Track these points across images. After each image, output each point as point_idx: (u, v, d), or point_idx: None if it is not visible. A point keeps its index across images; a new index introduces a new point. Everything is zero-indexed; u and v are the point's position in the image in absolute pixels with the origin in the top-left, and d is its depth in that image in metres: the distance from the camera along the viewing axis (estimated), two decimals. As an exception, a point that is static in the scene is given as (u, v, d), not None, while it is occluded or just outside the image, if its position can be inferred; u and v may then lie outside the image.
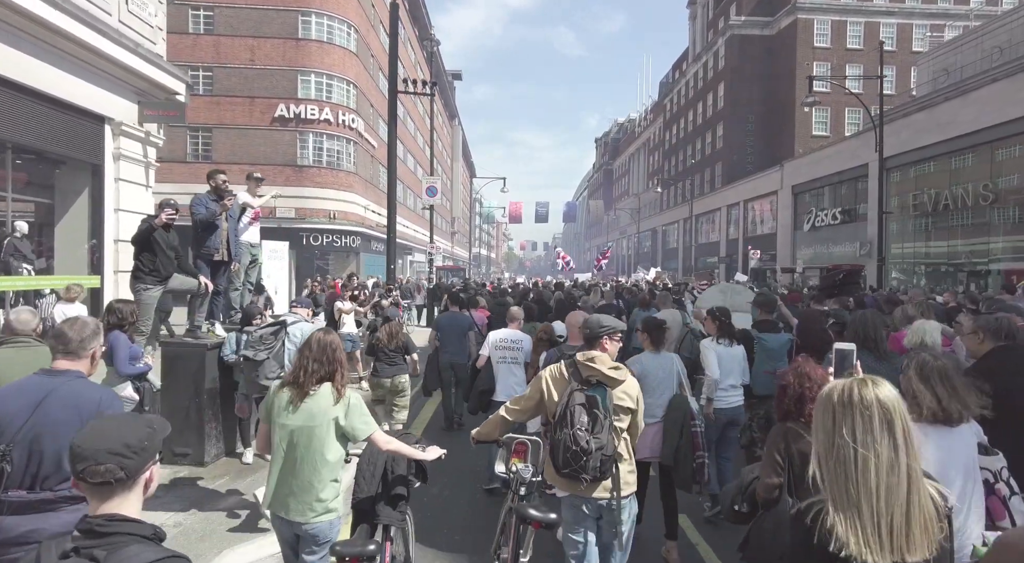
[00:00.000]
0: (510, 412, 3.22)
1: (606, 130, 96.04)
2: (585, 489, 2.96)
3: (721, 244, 43.79)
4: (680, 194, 53.50)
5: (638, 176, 71.49)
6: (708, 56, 48.77)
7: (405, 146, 40.09)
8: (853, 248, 26.72)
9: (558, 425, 2.93)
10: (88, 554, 1.28)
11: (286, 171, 26.38)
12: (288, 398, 2.82)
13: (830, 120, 38.07)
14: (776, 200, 35.27)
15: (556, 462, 2.91)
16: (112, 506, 1.40)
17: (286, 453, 2.80)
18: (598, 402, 2.93)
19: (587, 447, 2.84)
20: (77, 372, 2.52)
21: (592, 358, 3.03)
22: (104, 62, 9.72)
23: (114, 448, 1.39)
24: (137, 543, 1.33)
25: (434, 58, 18.86)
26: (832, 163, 28.41)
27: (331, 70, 26.76)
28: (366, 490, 3.12)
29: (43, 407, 2.35)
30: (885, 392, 1.45)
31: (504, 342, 5.61)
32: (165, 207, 5.17)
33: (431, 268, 22.08)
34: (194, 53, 25.73)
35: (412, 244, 41.00)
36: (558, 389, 3.04)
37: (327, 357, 2.85)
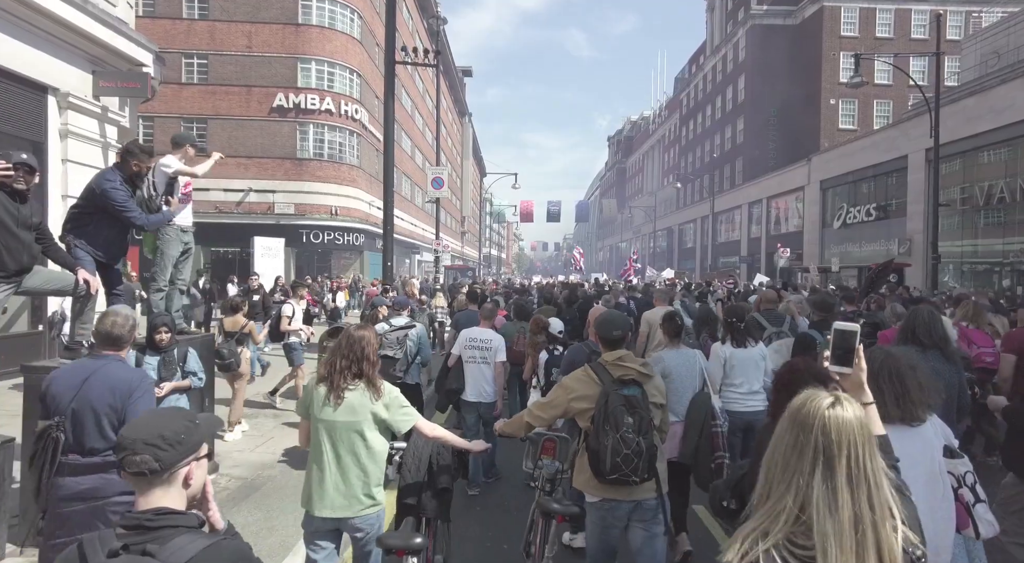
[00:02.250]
0: (534, 418, 3.16)
1: (619, 128, 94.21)
2: (630, 492, 2.90)
3: (742, 243, 41.90)
4: (697, 191, 51.67)
5: (653, 174, 69.68)
6: (727, 48, 46.93)
7: (413, 141, 38.63)
8: (889, 246, 24.88)
9: (601, 429, 2.81)
10: (140, 549, 1.29)
11: (285, 164, 24.95)
12: (325, 394, 2.80)
13: (858, 112, 36.12)
14: (802, 196, 33.40)
15: (601, 468, 2.79)
16: (155, 499, 1.42)
17: (328, 449, 2.78)
18: (639, 401, 2.87)
19: (639, 448, 2.78)
20: (116, 356, 2.88)
21: (621, 357, 3.00)
22: (44, 20, 8.25)
23: (150, 439, 1.42)
24: (185, 533, 1.36)
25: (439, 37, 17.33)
26: (865, 156, 26.55)
27: (333, 57, 25.30)
28: (411, 482, 3.08)
29: (86, 385, 2.72)
30: (840, 415, 1.24)
31: (474, 341, 5.49)
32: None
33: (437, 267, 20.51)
34: (188, 39, 24.38)
35: (420, 243, 39.50)
36: (588, 393, 2.96)
37: (356, 354, 2.82)
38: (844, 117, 36.10)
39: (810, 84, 36.99)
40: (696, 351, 4.55)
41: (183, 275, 5.05)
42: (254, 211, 24.74)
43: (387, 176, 11.23)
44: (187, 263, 5.07)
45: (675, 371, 4.19)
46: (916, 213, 22.91)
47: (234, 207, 24.71)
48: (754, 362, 4.65)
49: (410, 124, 38.05)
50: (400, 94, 35.18)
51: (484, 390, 5.43)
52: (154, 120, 24.33)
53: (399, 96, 34.84)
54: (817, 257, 30.79)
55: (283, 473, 5.58)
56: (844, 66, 35.39)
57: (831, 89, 35.84)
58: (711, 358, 4.72)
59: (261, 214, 24.73)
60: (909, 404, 2.20)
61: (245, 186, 24.58)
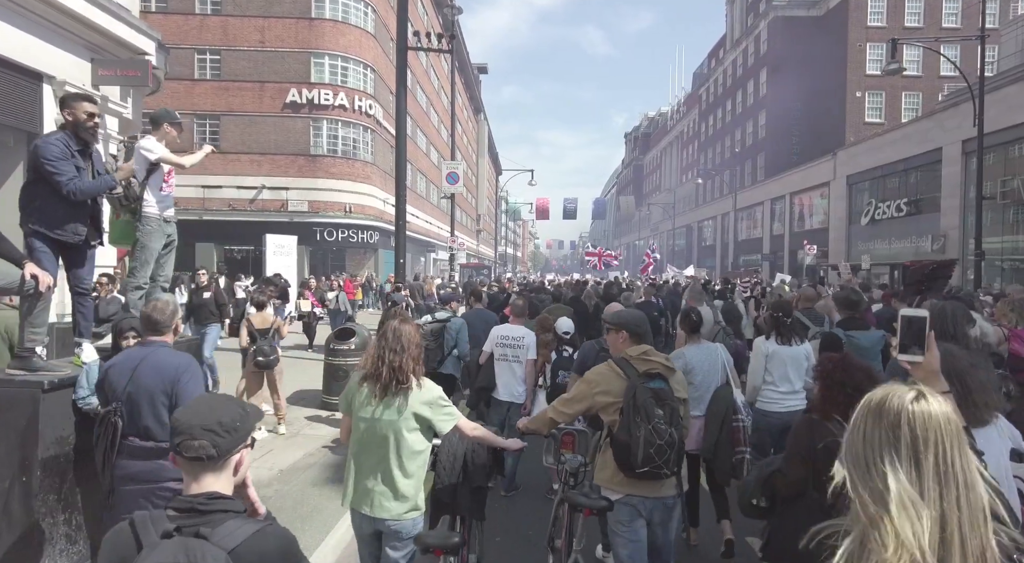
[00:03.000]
0: (559, 414, 3.11)
1: (636, 125, 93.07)
2: (655, 488, 2.86)
3: (764, 240, 40.87)
4: (717, 188, 50.63)
5: (671, 171, 68.63)
6: (748, 41, 45.86)
7: (428, 138, 38.19)
8: (921, 243, 23.91)
9: (632, 422, 2.76)
10: (193, 532, 1.31)
11: (299, 161, 24.59)
12: (369, 391, 2.73)
13: (885, 105, 34.93)
14: (827, 192, 32.38)
15: (632, 461, 2.73)
16: (207, 484, 1.45)
17: (369, 447, 2.73)
18: (667, 393, 2.85)
19: (671, 440, 2.75)
20: (163, 343, 2.97)
21: (646, 352, 2.99)
22: (39, 4, 7.81)
23: (208, 425, 1.45)
24: (233, 519, 1.39)
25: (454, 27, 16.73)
26: (896, 149, 25.54)
27: (347, 52, 24.88)
28: (446, 480, 3.03)
29: (137, 372, 2.83)
30: (926, 409, 1.17)
31: (506, 339, 5.32)
32: None
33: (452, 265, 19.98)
34: (201, 35, 24.09)
35: (435, 241, 39.05)
36: (614, 387, 2.91)
37: (401, 346, 2.73)
38: (871, 110, 34.94)
39: (835, 76, 35.87)
40: (718, 345, 4.48)
41: (165, 271, 4.53)
42: (267, 208, 24.42)
43: (399, 170, 10.70)
44: (170, 257, 4.56)
45: (697, 366, 4.14)
46: (951, 208, 21.91)
47: (247, 205, 24.41)
48: (798, 361, 4.46)
49: (425, 121, 37.59)
50: (415, 90, 34.73)
51: (515, 390, 5.26)
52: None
53: (413, 92, 34.39)
54: (843, 254, 29.77)
55: (279, 494, 5.05)
56: (871, 57, 34.31)
57: (857, 81, 34.72)
58: (753, 353, 4.56)
59: (274, 211, 24.40)
60: (972, 406, 2.09)
61: (258, 183, 24.27)
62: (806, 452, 2.39)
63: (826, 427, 2.37)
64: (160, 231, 4.36)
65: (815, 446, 2.34)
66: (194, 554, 1.27)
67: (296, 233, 22.12)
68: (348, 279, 19.32)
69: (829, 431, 2.33)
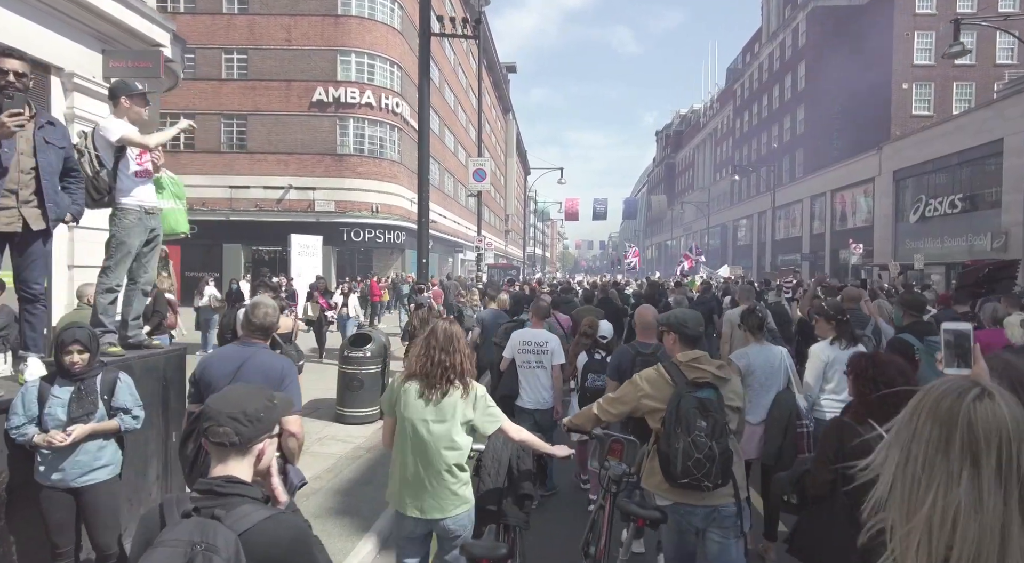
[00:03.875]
0: (603, 412, 3.06)
1: (667, 122, 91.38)
2: (703, 497, 2.76)
3: (803, 239, 39.35)
4: (753, 186, 49.08)
5: (704, 169, 67.03)
6: (786, 34, 44.31)
7: (456, 137, 37.74)
8: (977, 241, 22.44)
9: (672, 432, 2.71)
10: (209, 513, 1.39)
11: (325, 160, 24.30)
12: (416, 391, 2.72)
13: (934, 97, 33.17)
14: (872, 188, 30.88)
15: (672, 472, 2.70)
16: (228, 468, 1.53)
17: (415, 447, 2.69)
18: (713, 404, 2.75)
19: (711, 453, 2.66)
20: (262, 345, 3.03)
21: (697, 358, 2.90)
22: (46, -10, 7.42)
23: (234, 413, 1.53)
24: (248, 503, 1.45)
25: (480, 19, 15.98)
26: (948, 142, 24.07)
27: (373, 49, 24.50)
28: (491, 486, 3.01)
29: (241, 371, 2.82)
30: (990, 408, 1.07)
31: (528, 344, 5.10)
32: None
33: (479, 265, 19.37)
34: (228, 35, 23.99)
35: (463, 241, 38.55)
36: (659, 394, 2.86)
37: (453, 347, 2.74)
38: (918, 102, 33.22)
39: (879, 68, 34.23)
40: (781, 348, 4.35)
41: (148, 271, 3.92)
42: (294, 209, 24.19)
43: (421, 161, 10.10)
44: (153, 255, 3.95)
45: (758, 368, 4.00)
46: (1014, 203, 20.45)
47: (274, 205, 24.21)
48: None
49: (453, 119, 37.13)
50: (443, 89, 34.30)
51: (541, 396, 5.05)
52: (195, 117, 23.96)
53: (441, 90, 33.95)
54: (890, 254, 28.29)
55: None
56: (919, 46, 32.64)
57: (904, 72, 33.04)
58: (812, 360, 4.28)
59: (301, 212, 24.15)
60: None
61: (285, 183, 24.06)
62: (833, 455, 2.35)
63: (856, 431, 2.33)
64: (140, 225, 3.77)
65: (843, 449, 2.32)
66: (207, 534, 1.33)
67: (323, 233, 21.83)
68: (374, 280, 18.84)
69: (858, 433, 2.29)
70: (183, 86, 24.38)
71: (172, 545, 1.31)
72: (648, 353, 4.06)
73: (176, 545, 1.31)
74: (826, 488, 2.40)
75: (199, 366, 3.00)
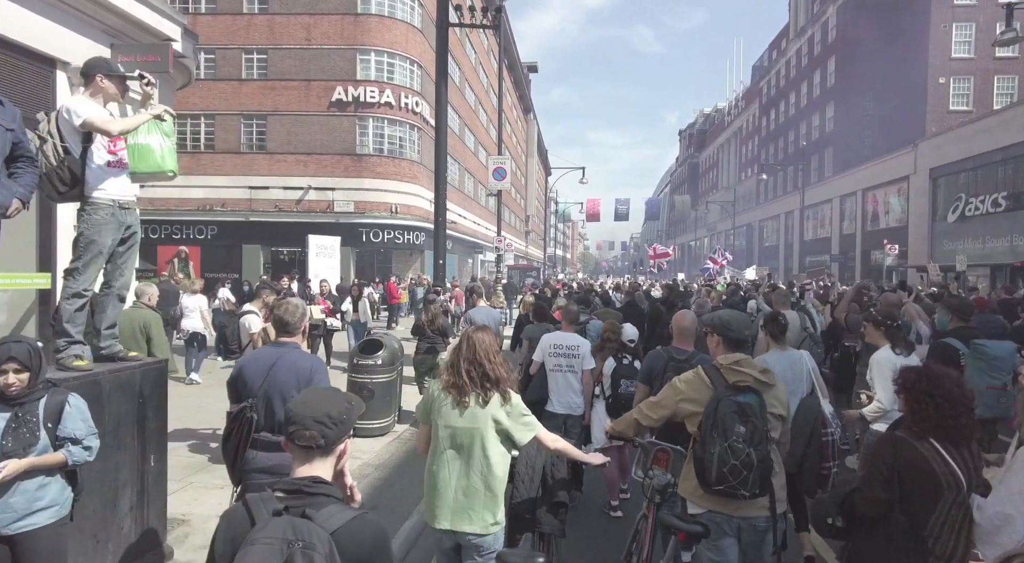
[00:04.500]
0: (643, 417, 3.01)
1: (690, 121, 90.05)
2: (738, 507, 2.66)
3: (833, 240, 38.21)
4: (780, 186, 47.93)
5: (728, 168, 65.79)
6: (814, 29, 43.16)
7: (476, 137, 37.39)
8: (1020, 241, 21.35)
9: (708, 437, 2.60)
10: (299, 512, 1.42)
11: (344, 160, 24.07)
12: (451, 398, 2.67)
13: (973, 91, 31.87)
14: (906, 187, 29.76)
15: (707, 477, 2.60)
16: (313, 469, 1.57)
17: (449, 456, 2.65)
18: (754, 410, 2.61)
19: (748, 460, 2.52)
20: (294, 344, 3.15)
21: (739, 361, 2.78)
22: (49, -19, 7.13)
23: (319, 417, 1.57)
24: (334, 503, 1.49)
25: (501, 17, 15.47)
26: (991, 138, 22.99)
27: (393, 47, 24.22)
28: (525, 495, 2.97)
29: (273, 371, 2.98)
30: None
31: (559, 348, 5.00)
32: None
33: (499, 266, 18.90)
34: (248, 35, 23.89)
35: (483, 242, 38.14)
36: (698, 397, 2.77)
37: (478, 356, 2.68)
38: (956, 97, 31.94)
39: (914, 62, 33.02)
40: (803, 352, 4.31)
41: (124, 275, 3.49)
42: (313, 209, 24.00)
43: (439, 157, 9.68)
44: (130, 256, 3.53)
45: (779, 375, 3.69)
46: (1064, 201, 19.39)
47: (294, 206, 24.05)
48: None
49: (473, 119, 36.77)
50: (463, 88, 33.96)
51: (572, 402, 4.93)
52: (215, 117, 24.02)
53: (462, 90, 33.61)
54: (925, 254, 27.19)
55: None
56: (958, 39, 31.39)
57: (941, 66, 31.80)
58: (881, 371, 4.05)
59: (320, 212, 23.94)
60: None
61: (304, 183, 23.88)
62: (888, 473, 2.23)
63: (913, 448, 2.21)
64: (113, 221, 3.35)
65: (898, 467, 2.21)
66: (301, 532, 1.36)
67: (342, 234, 21.57)
68: (392, 282, 18.51)
69: (916, 452, 2.19)
70: (203, 87, 24.42)
71: (268, 543, 1.33)
72: (682, 359, 3.92)
73: (272, 543, 1.33)
74: (881, 508, 2.24)
75: (235, 368, 3.15)
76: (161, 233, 23.90)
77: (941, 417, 2.18)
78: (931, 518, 2.15)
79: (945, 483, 2.12)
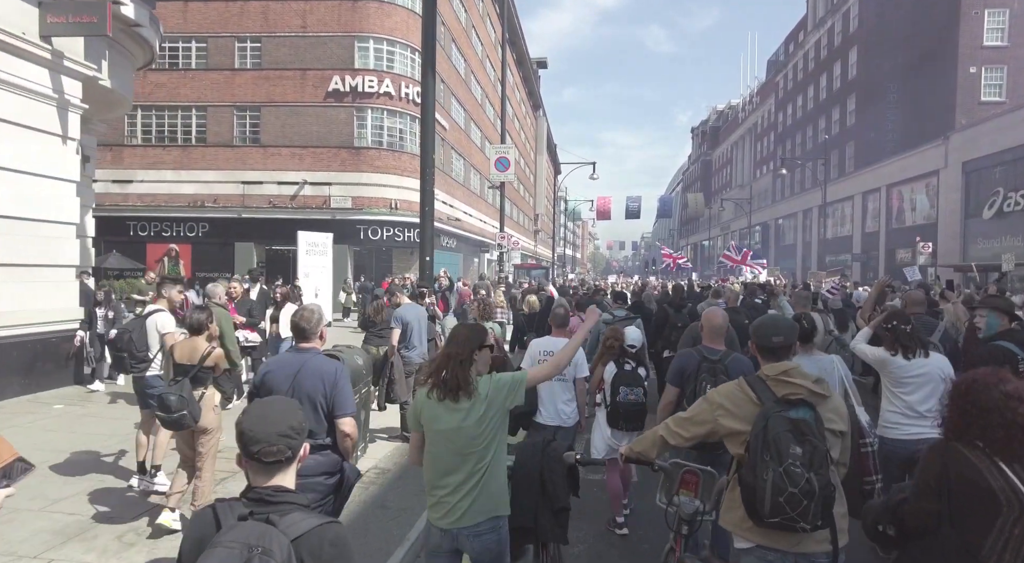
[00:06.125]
0: (673, 436, 2.61)
1: (703, 119, 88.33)
2: (797, 542, 2.30)
3: (854, 238, 36.62)
4: (798, 183, 46.32)
5: (743, 166, 64.16)
6: (834, 19, 41.55)
7: (483, 132, 36.12)
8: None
9: (758, 460, 2.23)
10: (263, 518, 1.46)
11: (341, 153, 22.89)
12: (436, 398, 2.60)
13: (1007, 81, 30.16)
14: (935, 182, 28.17)
15: (760, 509, 2.21)
16: (276, 479, 1.59)
17: (445, 458, 2.59)
18: (810, 426, 2.25)
19: (809, 487, 2.13)
20: (315, 350, 3.23)
21: (786, 371, 2.44)
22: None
23: (283, 430, 1.58)
24: (298, 511, 1.53)
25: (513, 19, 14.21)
26: (1032, 127, 21.42)
27: (392, 34, 23.01)
28: (524, 503, 2.87)
29: (298, 376, 3.05)
30: None
31: (548, 355, 4.57)
32: None
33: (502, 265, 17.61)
34: (241, 22, 22.80)
35: (489, 240, 36.88)
36: (742, 413, 2.40)
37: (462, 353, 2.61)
38: (988, 87, 30.24)
39: (942, 51, 31.35)
40: (834, 356, 4.18)
41: None
42: (309, 205, 22.84)
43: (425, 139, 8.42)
44: None
45: None
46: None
47: (288, 201, 22.91)
48: (932, 379, 3.80)
49: (479, 113, 35.50)
50: (469, 81, 32.72)
51: (562, 412, 4.60)
52: (206, 109, 22.94)
53: (468, 82, 32.37)
54: (958, 253, 25.65)
55: None
56: (990, 26, 29.71)
57: (971, 54, 30.11)
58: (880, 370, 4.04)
59: (316, 208, 22.78)
60: None
61: (300, 178, 22.74)
62: (937, 484, 2.05)
63: (966, 458, 2.02)
64: None
65: (947, 477, 2.03)
66: (264, 537, 1.39)
67: (339, 231, 20.41)
68: (385, 282, 17.30)
69: (969, 464, 2.01)
70: (194, 77, 23.36)
71: (230, 546, 1.37)
72: (715, 360, 3.76)
73: (234, 547, 1.36)
74: (930, 521, 2.06)
75: (259, 374, 3.21)
76: (150, 231, 22.90)
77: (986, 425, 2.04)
78: (989, 537, 1.94)
79: (1004, 499, 1.91)
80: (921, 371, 3.82)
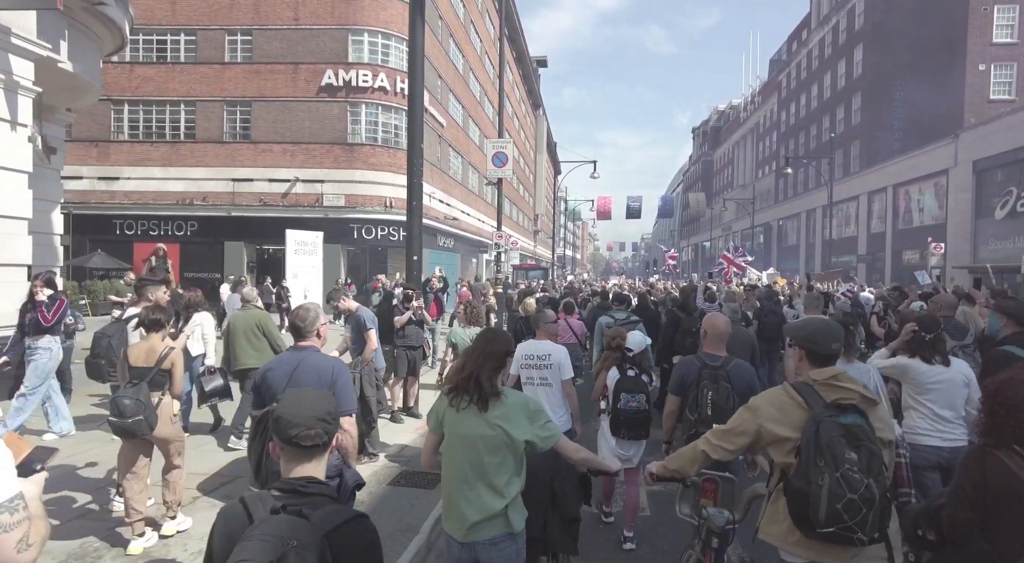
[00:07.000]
0: (715, 449, 2.49)
1: (704, 119, 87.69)
2: (852, 556, 2.17)
3: (860, 239, 35.94)
4: (801, 183, 45.65)
5: (745, 166, 63.51)
6: (839, 16, 40.88)
7: (482, 130, 35.45)
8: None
9: (810, 467, 2.13)
10: (297, 511, 1.45)
11: (335, 150, 22.22)
12: (461, 403, 2.53)
13: (1016, 78, 29.56)
14: (945, 181, 27.48)
15: (813, 517, 2.08)
16: (308, 469, 1.60)
17: (462, 465, 2.50)
18: (865, 432, 2.15)
19: (868, 494, 2.02)
20: (313, 348, 3.23)
21: (836, 376, 2.32)
22: None
23: (320, 415, 1.60)
24: (330, 503, 1.53)
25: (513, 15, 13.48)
26: (1046, 125, 20.74)
27: (387, 27, 22.34)
28: (534, 513, 2.71)
29: (296, 374, 3.07)
30: None
31: (530, 359, 4.46)
32: None
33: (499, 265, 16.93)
34: (231, 14, 22.12)
35: (487, 240, 36.19)
36: (789, 419, 2.30)
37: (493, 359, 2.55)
38: (998, 85, 29.64)
39: (951, 48, 30.73)
40: (870, 366, 3.99)
41: None
42: (300, 203, 22.16)
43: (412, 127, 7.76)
44: None
45: None
46: None
47: (280, 199, 22.23)
48: (955, 386, 3.76)
49: (478, 110, 34.84)
50: (468, 77, 32.06)
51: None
52: (195, 104, 22.25)
53: (466, 78, 31.70)
54: (968, 254, 24.98)
55: None
56: (999, 22, 29.08)
57: (980, 51, 29.51)
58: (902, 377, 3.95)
59: (308, 207, 22.10)
60: None
61: (291, 175, 22.06)
62: (973, 492, 2.02)
63: (1002, 463, 2.00)
64: None
65: (986, 484, 1.98)
66: (297, 531, 1.38)
67: (332, 230, 19.74)
68: (376, 283, 16.62)
69: (1006, 468, 1.98)
70: (183, 71, 22.67)
71: (264, 539, 1.35)
72: (716, 366, 3.69)
73: (268, 540, 1.34)
74: (968, 528, 2.05)
75: (259, 373, 3.21)
76: (138, 229, 22.23)
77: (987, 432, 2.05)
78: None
79: None
80: (943, 377, 3.81)
